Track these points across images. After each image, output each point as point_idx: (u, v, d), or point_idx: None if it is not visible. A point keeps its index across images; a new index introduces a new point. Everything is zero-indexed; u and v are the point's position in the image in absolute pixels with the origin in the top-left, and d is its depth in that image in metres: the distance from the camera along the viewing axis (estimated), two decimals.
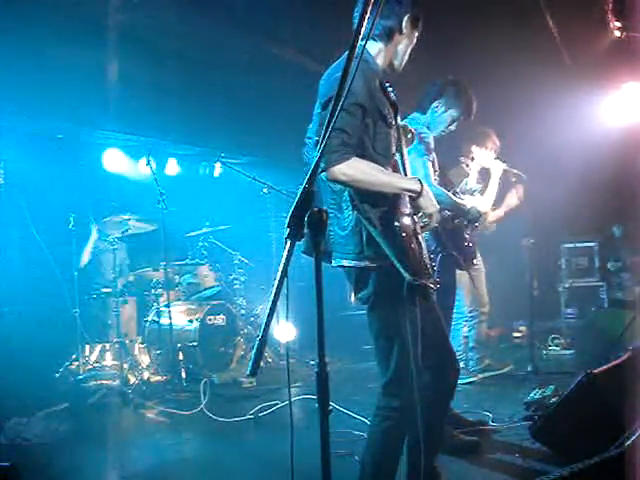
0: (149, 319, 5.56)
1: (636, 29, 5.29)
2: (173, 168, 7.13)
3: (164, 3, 4.65)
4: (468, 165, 4.33)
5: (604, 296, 6.67)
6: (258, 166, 6.95)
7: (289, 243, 1.42)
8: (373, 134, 2.11)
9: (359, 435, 3.41)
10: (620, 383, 2.68)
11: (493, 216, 4.40)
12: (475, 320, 4.85)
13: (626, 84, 6.35)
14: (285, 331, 5.36)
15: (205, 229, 6.28)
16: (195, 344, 5.28)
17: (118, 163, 6.53)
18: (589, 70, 5.97)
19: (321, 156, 1.49)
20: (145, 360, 5.41)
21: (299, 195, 1.44)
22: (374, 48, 2.24)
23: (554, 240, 6.78)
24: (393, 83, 2.31)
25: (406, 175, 2.25)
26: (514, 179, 4.48)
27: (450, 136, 3.56)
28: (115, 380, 4.94)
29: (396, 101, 2.28)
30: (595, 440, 2.47)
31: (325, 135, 1.48)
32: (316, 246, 1.45)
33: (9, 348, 4.31)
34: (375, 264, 2.09)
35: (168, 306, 5.28)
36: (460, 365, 4.67)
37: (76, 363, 5.03)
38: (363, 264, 2.10)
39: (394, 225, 2.04)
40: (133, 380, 5.00)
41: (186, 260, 6.12)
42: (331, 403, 1.45)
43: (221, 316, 5.61)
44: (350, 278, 2.23)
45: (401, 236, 2.03)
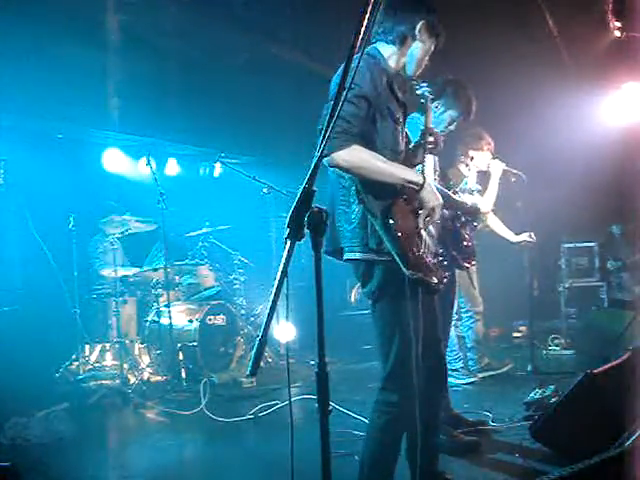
0: (149, 319, 5.55)
1: (636, 29, 5.29)
2: (173, 168, 7.13)
3: (165, 3, 4.66)
4: (467, 165, 4.32)
5: (604, 296, 6.68)
6: (258, 166, 6.95)
7: (289, 243, 1.42)
8: (380, 128, 2.14)
9: (359, 435, 3.40)
10: (620, 383, 2.68)
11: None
12: (471, 320, 4.84)
13: (626, 84, 6.35)
14: (285, 331, 5.35)
15: (205, 229, 6.28)
16: (195, 344, 5.27)
17: (118, 163, 6.53)
18: (589, 70, 5.97)
19: (321, 155, 1.49)
20: (145, 360, 5.41)
21: (299, 195, 1.44)
22: (387, 50, 2.28)
23: (554, 240, 6.78)
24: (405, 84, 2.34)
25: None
26: (514, 179, 4.48)
27: (450, 136, 3.55)
28: (115, 380, 4.93)
29: (405, 102, 2.30)
30: (595, 440, 2.47)
31: (328, 126, 1.48)
32: (316, 246, 1.45)
33: (9, 348, 4.31)
34: (380, 257, 2.12)
35: (168, 306, 5.27)
36: (460, 365, 4.72)
37: (76, 363, 5.03)
38: (369, 257, 2.14)
39: (391, 219, 2.07)
40: (133, 380, 4.99)
41: (186, 260, 6.11)
42: (331, 403, 1.45)
43: (221, 316, 5.61)
44: (357, 272, 2.25)
45: (397, 230, 2.06)
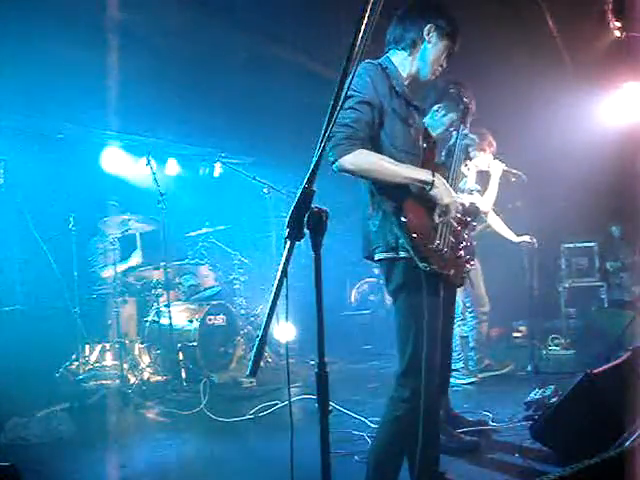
0: (149, 319, 5.55)
1: (636, 29, 5.29)
2: (173, 168, 7.13)
3: (165, 3, 4.66)
4: (467, 165, 4.32)
5: (604, 296, 6.67)
6: (258, 166, 6.96)
7: (289, 243, 1.42)
8: (389, 131, 2.19)
9: (359, 435, 3.41)
10: (620, 383, 2.68)
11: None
12: (475, 320, 4.84)
13: (626, 84, 6.36)
14: (285, 331, 5.35)
15: (205, 229, 6.28)
16: (195, 344, 5.27)
17: (118, 163, 6.54)
18: (589, 70, 5.97)
19: (321, 155, 1.49)
20: (145, 360, 5.40)
21: (299, 195, 1.44)
22: (398, 56, 2.34)
23: (554, 240, 6.78)
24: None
25: (452, 187, 2.29)
26: (514, 179, 4.48)
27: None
28: (115, 380, 4.93)
29: (418, 104, 2.34)
30: (595, 440, 2.47)
31: (326, 131, 1.48)
32: (316, 246, 1.45)
33: (9, 348, 4.31)
34: (399, 255, 2.18)
35: (168, 306, 5.27)
36: (461, 365, 4.72)
37: (76, 363, 5.03)
38: (390, 255, 2.21)
39: (404, 217, 2.13)
40: (133, 380, 4.99)
41: (186, 260, 6.11)
42: (331, 403, 1.45)
43: (221, 316, 5.61)
44: (384, 272, 2.30)
45: (410, 227, 2.12)
